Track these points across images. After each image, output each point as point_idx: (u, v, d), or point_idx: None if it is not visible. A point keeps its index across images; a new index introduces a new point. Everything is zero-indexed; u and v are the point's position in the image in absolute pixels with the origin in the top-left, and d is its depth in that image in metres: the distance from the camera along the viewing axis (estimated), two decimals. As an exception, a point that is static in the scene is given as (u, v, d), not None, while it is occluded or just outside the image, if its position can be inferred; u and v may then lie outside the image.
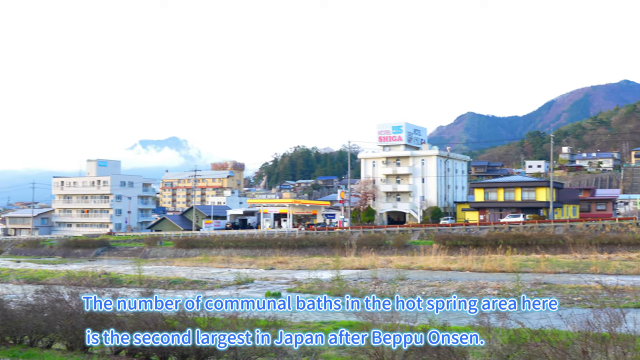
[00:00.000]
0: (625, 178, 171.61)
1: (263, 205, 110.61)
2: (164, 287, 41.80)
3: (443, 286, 37.54)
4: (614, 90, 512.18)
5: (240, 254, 77.70)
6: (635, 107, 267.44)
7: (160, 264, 71.73)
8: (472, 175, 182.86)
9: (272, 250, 76.01)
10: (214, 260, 70.03)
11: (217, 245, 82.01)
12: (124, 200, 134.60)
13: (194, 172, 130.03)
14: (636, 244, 61.21)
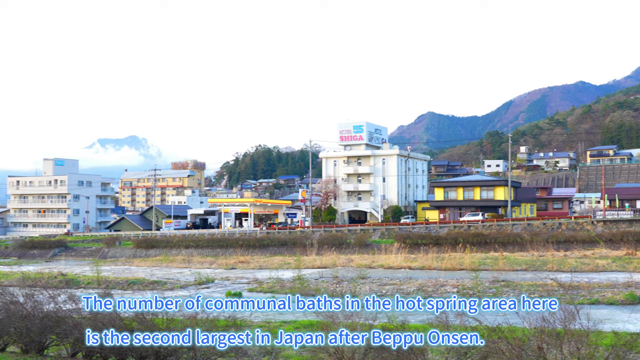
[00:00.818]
0: (581, 177, 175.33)
1: (224, 204, 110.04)
2: (122, 288, 41.23)
3: (403, 284, 37.81)
4: (570, 91, 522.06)
5: (201, 253, 77.16)
6: (590, 108, 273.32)
7: (119, 264, 70.77)
8: (432, 175, 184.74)
9: (233, 249, 75.68)
10: (174, 260, 69.37)
11: (178, 245, 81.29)
12: (82, 200, 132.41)
13: (154, 172, 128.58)
14: (591, 241, 62.54)
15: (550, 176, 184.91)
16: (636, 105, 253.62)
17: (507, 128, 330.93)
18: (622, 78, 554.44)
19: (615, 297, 29.41)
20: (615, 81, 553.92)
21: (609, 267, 45.68)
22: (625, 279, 36.11)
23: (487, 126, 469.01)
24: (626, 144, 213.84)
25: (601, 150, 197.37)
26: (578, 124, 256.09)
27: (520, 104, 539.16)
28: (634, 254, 53.74)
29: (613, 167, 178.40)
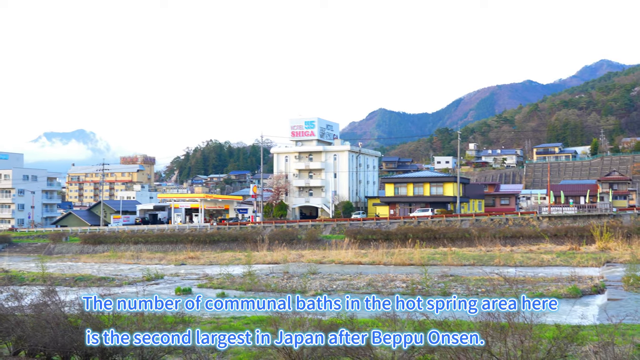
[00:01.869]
0: (528, 174, 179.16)
1: (174, 200, 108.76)
2: (69, 285, 40.38)
3: (354, 280, 38.03)
4: (518, 90, 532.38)
5: (150, 249, 76.20)
6: (537, 107, 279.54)
7: (66, 260, 69.36)
8: (383, 171, 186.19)
9: (183, 245, 75.00)
10: (123, 256, 68.35)
11: (126, 240, 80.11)
12: (27, 195, 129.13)
13: (102, 166, 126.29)
14: (537, 237, 64.03)
15: (498, 173, 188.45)
16: (581, 104, 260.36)
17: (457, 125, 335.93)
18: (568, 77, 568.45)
19: (559, 291, 30.13)
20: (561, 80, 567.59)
21: (553, 262, 46.81)
22: (568, 273, 37.03)
23: (437, 123, 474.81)
24: (571, 142, 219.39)
25: (547, 147, 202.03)
26: (525, 122, 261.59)
27: (470, 102, 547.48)
28: (578, 249, 55.20)
29: (558, 164, 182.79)
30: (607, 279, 34.91)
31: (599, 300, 28.42)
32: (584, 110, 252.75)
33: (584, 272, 38.60)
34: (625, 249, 51.85)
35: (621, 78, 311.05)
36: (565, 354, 10.26)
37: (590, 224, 62.68)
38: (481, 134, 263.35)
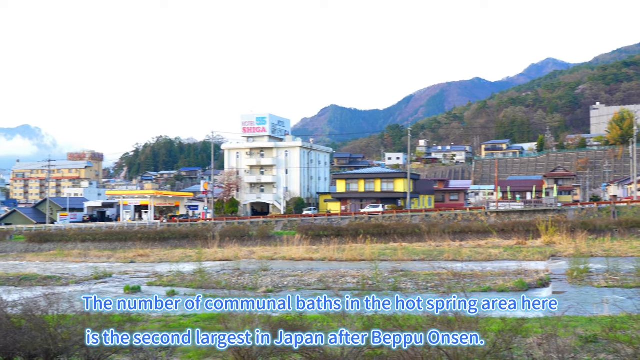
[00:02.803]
0: (476, 170, 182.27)
1: (123, 196, 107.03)
2: (13, 285, 39.34)
3: (305, 276, 38.05)
4: (467, 87, 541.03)
5: (98, 247, 74.87)
6: (486, 104, 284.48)
7: (10, 259, 67.52)
8: (334, 167, 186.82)
9: (132, 243, 73.90)
10: (70, 254, 66.91)
11: (74, 239, 78.55)
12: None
13: (48, 162, 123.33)
14: (485, 232, 65.20)
15: (448, 169, 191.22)
16: (527, 102, 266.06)
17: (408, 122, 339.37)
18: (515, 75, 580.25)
19: (506, 285, 30.71)
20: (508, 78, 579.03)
21: (501, 256, 47.65)
22: (515, 267, 37.80)
23: (388, 120, 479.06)
24: (518, 139, 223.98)
25: (495, 144, 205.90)
26: (474, 119, 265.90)
27: (420, 99, 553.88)
28: (524, 244, 56.39)
29: (506, 160, 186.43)
30: (552, 273, 35.76)
31: (544, 293, 29.08)
32: (530, 108, 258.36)
33: (530, 266, 39.42)
34: (569, 243, 53.18)
35: (566, 76, 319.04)
36: (510, 347, 10.46)
37: (536, 219, 64.12)
38: (431, 131, 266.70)
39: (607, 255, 42.88)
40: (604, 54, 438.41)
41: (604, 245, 51.37)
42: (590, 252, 45.89)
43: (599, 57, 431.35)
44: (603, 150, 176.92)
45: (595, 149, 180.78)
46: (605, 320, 14.99)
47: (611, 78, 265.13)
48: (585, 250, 46.15)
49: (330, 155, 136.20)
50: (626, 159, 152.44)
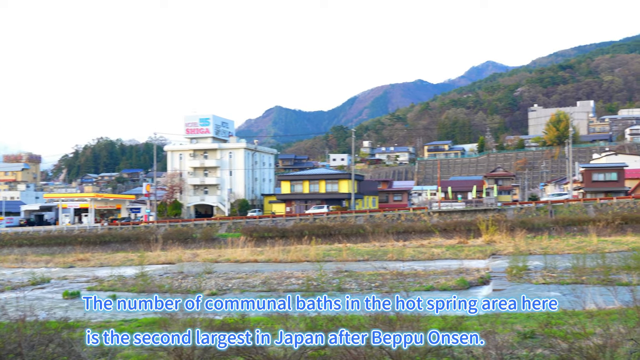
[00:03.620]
0: (419, 170, 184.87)
1: (62, 199, 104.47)
2: (-55, 292, 37.86)
3: (250, 278, 37.85)
4: (410, 89, 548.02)
5: (36, 252, 72.83)
6: (428, 105, 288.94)
7: (-59, 266, 64.99)
8: (279, 168, 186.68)
9: (72, 247, 72.22)
10: (6, 260, 64.84)
11: (9, 243, 76.21)
12: None
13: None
14: (428, 231, 66.12)
15: (392, 170, 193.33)
16: (468, 104, 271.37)
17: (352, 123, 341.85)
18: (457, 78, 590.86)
19: (448, 283, 31.21)
20: (450, 80, 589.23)
21: (443, 255, 48.40)
22: (457, 265, 38.45)
23: (332, 121, 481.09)
24: (460, 140, 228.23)
25: (437, 145, 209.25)
26: (417, 120, 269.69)
27: (364, 100, 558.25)
28: (465, 242, 57.43)
29: (448, 161, 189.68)
30: (492, 271, 36.50)
31: (485, 291, 29.67)
32: (471, 109, 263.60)
33: (472, 265, 40.17)
34: (509, 242, 54.38)
35: (505, 79, 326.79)
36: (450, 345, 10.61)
37: (477, 218, 65.37)
38: (375, 132, 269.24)
39: (544, 253, 43.99)
40: (541, 58, 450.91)
41: (542, 243, 52.71)
42: (529, 250, 47.08)
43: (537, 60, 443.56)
44: (541, 151, 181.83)
45: (533, 150, 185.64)
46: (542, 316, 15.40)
47: (548, 81, 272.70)
48: (524, 249, 47.32)
49: (275, 157, 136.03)
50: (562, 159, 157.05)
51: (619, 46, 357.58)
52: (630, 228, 60.74)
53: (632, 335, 11.10)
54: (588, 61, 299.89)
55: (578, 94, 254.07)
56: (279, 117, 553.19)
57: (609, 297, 19.40)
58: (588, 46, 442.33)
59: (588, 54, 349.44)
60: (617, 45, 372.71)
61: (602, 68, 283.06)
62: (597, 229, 59.32)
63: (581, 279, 30.31)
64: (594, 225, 60.97)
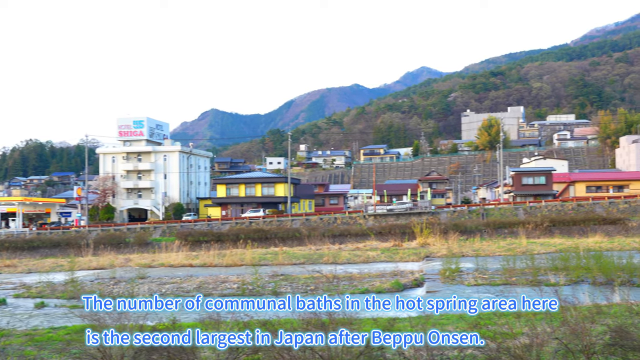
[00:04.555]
0: (355, 174, 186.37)
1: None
2: None
3: (184, 282, 37.32)
4: (347, 93, 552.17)
5: (-41, 258, 69.88)
6: (364, 110, 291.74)
7: None
8: (215, 172, 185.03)
9: (-2, 253, 69.65)
10: None
11: None
12: None
13: None
14: (363, 234, 66.68)
15: (328, 173, 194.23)
16: (403, 108, 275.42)
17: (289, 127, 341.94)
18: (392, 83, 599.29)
19: (383, 286, 31.50)
20: (386, 85, 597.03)
21: (378, 258, 48.83)
22: (392, 268, 38.87)
23: (269, 124, 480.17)
24: (395, 144, 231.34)
25: (373, 149, 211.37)
26: (353, 124, 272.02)
27: (301, 104, 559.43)
28: (400, 245, 58.14)
29: (383, 165, 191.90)
30: (426, 273, 37.06)
31: (419, 292, 30.09)
32: (406, 114, 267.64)
33: (406, 267, 40.67)
34: (442, 244, 55.38)
35: (439, 84, 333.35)
36: (382, 346, 10.70)
37: (412, 222, 66.35)
38: (312, 136, 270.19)
39: (476, 255, 44.96)
40: (474, 64, 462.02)
41: (474, 245, 53.88)
42: (462, 252, 48.03)
43: (469, 66, 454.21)
44: (473, 155, 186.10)
45: (466, 154, 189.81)
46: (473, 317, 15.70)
47: (480, 87, 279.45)
48: (457, 251, 48.25)
49: (211, 160, 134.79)
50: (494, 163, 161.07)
51: (547, 54, 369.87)
52: (558, 230, 62.87)
53: (557, 335, 11.45)
54: (518, 68, 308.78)
55: (509, 99, 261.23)
56: (215, 120, 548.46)
57: (536, 297, 19.91)
58: (518, 54, 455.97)
59: (518, 61, 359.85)
60: (545, 53, 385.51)
61: (531, 75, 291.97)
62: (526, 231, 61.13)
63: (511, 280, 31.15)
64: (523, 227, 62.78)
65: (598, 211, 68.64)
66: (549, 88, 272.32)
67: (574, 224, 64.21)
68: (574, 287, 28.26)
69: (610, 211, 68.55)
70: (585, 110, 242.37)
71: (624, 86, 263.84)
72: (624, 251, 40.45)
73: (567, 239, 56.71)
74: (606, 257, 32.13)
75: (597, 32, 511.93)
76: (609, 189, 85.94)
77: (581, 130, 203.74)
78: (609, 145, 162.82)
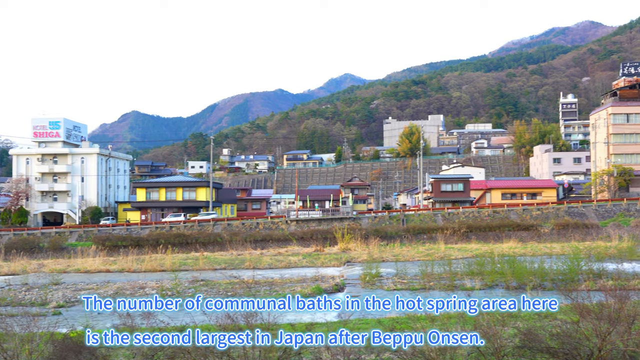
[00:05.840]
0: (278, 179, 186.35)
1: None
2: None
3: (101, 289, 36.44)
4: (270, 98, 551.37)
5: None
6: (288, 115, 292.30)
7: None
8: (135, 175, 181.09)
9: None
10: None
11: None
12: None
13: None
14: (285, 239, 66.77)
15: (251, 178, 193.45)
16: (327, 114, 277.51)
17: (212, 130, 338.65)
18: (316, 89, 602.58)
19: (303, 291, 31.64)
20: (309, 91, 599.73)
21: (300, 263, 49.07)
22: (313, 273, 39.09)
23: (192, 128, 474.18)
24: (318, 149, 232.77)
25: (296, 154, 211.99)
26: (277, 129, 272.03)
27: (225, 108, 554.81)
28: (322, 250, 58.53)
29: (306, 170, 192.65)
30: (346, 278, 37.48)
31: (339, 297, 30.35)
32: (330, 120, 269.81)
33: (327, 272, 41.00)
34: (363, 249, 56.10)
35: (362, 91, 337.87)
36: (300, 351, 10.74)
37: (334, 227, 66.93)
38: (235, 140, 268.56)
39: (396, 260, 45.83)
40: (396, 72, 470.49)
41: (394, 251, 54.83)
42: (382, 257, 48.82)
43: (392, 74, 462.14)
44: (394, 162, 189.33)
45: (387, 161, 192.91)
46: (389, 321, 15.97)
47: (402, 95, 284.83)
48: (377, 256, 49.01)
49: (131, 163, 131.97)
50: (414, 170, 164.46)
51: (467, 64, 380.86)
52: (475, 236, 64.73)
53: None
54: (438, 77, 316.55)
55: (429, 108, 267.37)
56: (136, 122, 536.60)
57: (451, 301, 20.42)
58: (438, 63, 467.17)
59: (438, 70, 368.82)
60: (464, 63, 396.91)
61: (451, 84, 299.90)
62: (444, 237, 62.69)
63: (429, 284, 31.88)
64: (442, 233, 64.37)
65: (512, 217, 71.05)
66: (468, 97, 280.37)
67: (489, 229, 66.28)
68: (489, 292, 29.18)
69: (524, 218, 71.07)
70: (501, 119, 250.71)
71: (538, 97, 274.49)
72: (536, 256, 42.12)
73: (483, 244, 58.51)
74: (519, 262, 33.38)
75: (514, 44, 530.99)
76: (523, 196, 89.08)
77: (498, 139, 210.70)
78: (523, 154, 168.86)
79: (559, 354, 10.63)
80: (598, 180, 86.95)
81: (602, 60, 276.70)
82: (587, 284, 27.10)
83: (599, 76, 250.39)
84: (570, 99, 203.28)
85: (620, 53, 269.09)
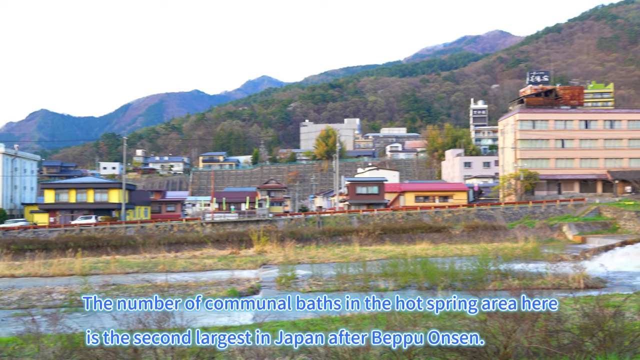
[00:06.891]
0: (194, 181, 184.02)
1: None
2: None
3: (4, 294, 34.84)
4: (187, 99, 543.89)
5: None
6: (204, 116, 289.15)
7: None
8: (44, 176, 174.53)
9: None
10: None
11: None
12: None
13: None
14: (200, 242, 65.94)
15: (166, 180, 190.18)
16: (244, 116, 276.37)
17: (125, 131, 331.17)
18: (233, 90, 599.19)
19: (218, 294, 31.30)
20: (227, 92, 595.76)
21: (215, 266, 48.50)
22: (228, 276, 38.74)
23: (104, 128, 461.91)
24: (235, 151, 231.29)
25: (212, 156, 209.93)
26: (193, 130, 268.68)
27: (139, 108, 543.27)
28: (238, 253, 58.14)
29: (222, 172, 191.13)
30: (262, 280, 37.34)
31: (255, 300, 30.21)
32: (247, 122, 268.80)
33: (243, 275, 40.72)
34: (279, 252, 56.07)
35: (279, 94, 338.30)
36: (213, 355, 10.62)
37: (250, 229, 66.65)
38: (149, 141, 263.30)
39: (312, 262, 46.04)
40: (313, 75, 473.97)
41: (310, 253, 55.04)
42: (298, 259, 48.91)
43: (309, 77, 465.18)
44: (311, 165, 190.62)
45: (304, 163, 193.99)
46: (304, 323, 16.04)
47: (319, 98, 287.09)
48: (293, 258, 49.05)
49: (39, 163, 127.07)
50: (330, 173, 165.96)
51: (382, 69, 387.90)
52: (389, 237, 65.94)
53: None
54: (355, 82, 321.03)
55: (346, 111, 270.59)
56: (45, 121, 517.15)
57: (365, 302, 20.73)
58: (355, 67, 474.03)
59: (355, 75, 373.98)
60: (380, 68, 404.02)
61: (367, 89, 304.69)
62: (360, 239, 63.54)
63: (344, 286, 32.20)
64: (357, 235, 65.22)
65: (425, 220, 72.77)
66: (383, 102, 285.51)
67: (403, 231, 67.66)
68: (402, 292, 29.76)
69: (436, 220, 72.93)
70: (415, 124, 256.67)
71: (450, 103, 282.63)
72: (447, 257, 43.28)
73: (397, 246, 59.64)
74: (431, 264, 34.22)
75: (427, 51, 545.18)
76: (435, 199, 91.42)
77: (412, 143, 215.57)
78: (436, 158, 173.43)
79: (467, 352, 10.95)
80: (506, 184, 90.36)
81: (510, 68, 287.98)
82: (494, 284, 28.03)
83: (508, 83, 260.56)
84: (481, 105, 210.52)
85: (528, 62, 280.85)
